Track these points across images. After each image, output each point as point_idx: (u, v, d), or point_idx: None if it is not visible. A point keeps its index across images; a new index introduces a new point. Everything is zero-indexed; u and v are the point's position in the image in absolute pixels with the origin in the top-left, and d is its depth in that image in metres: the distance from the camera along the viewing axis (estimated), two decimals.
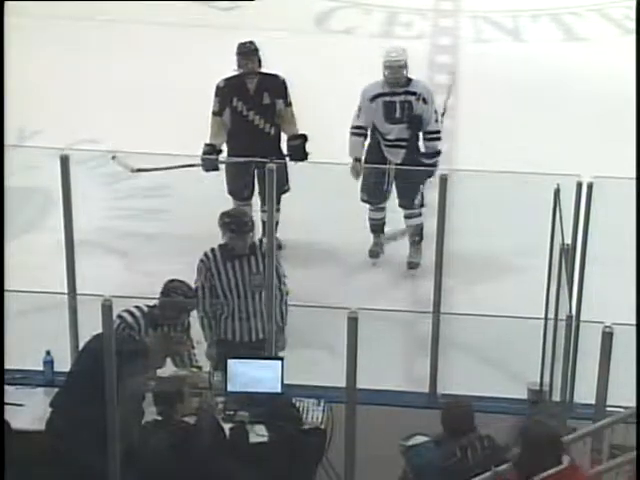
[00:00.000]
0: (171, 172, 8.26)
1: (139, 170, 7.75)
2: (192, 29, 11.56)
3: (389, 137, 7.76)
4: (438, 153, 7.75)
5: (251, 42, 7.78)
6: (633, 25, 11.59)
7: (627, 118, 8.32)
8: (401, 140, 7.76)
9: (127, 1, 11.34)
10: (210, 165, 7.76)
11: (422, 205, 7.79)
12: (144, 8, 11.74)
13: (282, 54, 7.94)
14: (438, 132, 7.81)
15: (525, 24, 12.07)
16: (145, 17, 11.71)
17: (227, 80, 7.80)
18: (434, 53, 8.14)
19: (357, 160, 7.79)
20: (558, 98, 10.20)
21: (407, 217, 7.93)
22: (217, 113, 7.79)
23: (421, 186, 7.76)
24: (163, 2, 11.78)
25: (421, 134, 7.79)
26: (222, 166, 7.86)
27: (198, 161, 7.72)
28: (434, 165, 7.62)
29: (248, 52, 7.73)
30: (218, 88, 7.81)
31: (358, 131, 7.82)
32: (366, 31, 11.80)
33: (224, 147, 7.88)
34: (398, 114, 7.72)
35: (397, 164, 7.74)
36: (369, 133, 7.84)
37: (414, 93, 7.70)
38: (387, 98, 7.72)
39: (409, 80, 7.75)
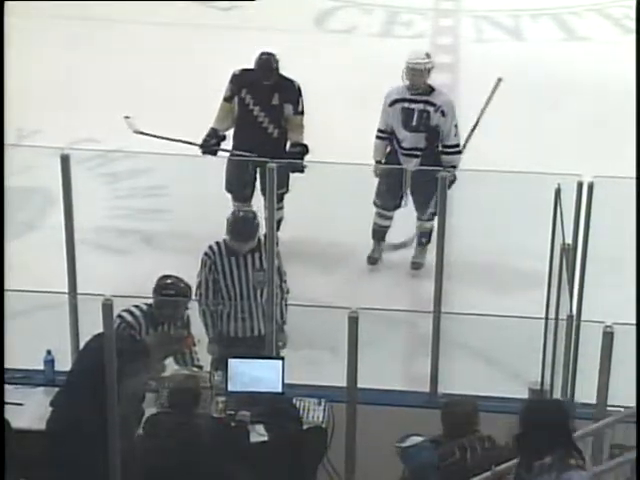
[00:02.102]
0: (171, 172, 8.29)
1: (141, 132, 7.81)
2: (192, 29, 11.56)
3: (404, 145, 7.71)
4: (454, 167, 7.62)
5: (271, 55, 7.73)
6: (633, 24, 11.59)
7: (627, 117, 8.33)
8: (416, 149, 7.69)
9: (127, 1, 11.34)
10: (208, 149, 7.79)
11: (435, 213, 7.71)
12: (143, 8, 11.73)
13: (282, 54, 7.92)
14: (456, 146, 7.73)
15: (525, 24, 12.07)
16: (144, 17, 11.71)
17: (244, 70, 7.83)
18: (434, 53, 8.13)
19: (378, 162, 7.79)
20: (558, 97, 10.20)
21: (419, 219, 7.89)
22: (227, 99, 7.83)
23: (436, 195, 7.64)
24: (162, 2, 11.79)
25: (440, 147, 7.72)
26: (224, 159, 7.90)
27: (199, 143, 7.79)
28: (451, 179, 7.23)
29: (264, 69, 7.70)
30: (234, 75, 7.84)
31: (379, 134, 7.82)
32: (366, 31, 11.80)
33: (228, 134, 7.89)
34: (415, 122, 7.66)
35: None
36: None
37: (434, 104, 7.63)
38: (406, 104, 7.68)
39: (432, 89, 7.69)
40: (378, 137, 7.83)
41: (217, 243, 6.43)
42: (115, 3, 11.51)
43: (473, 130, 7.89)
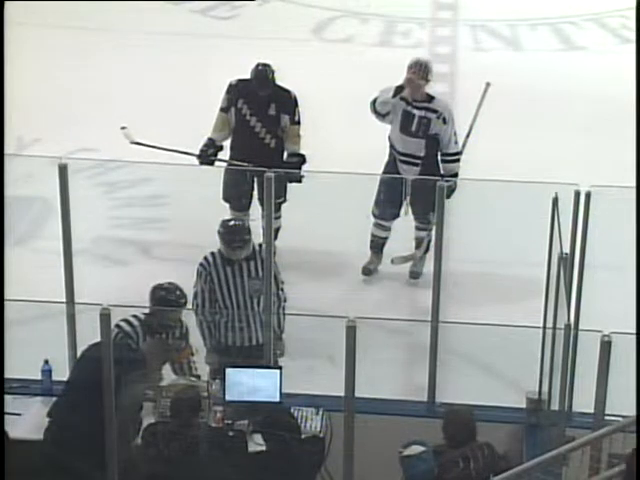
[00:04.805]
0: (169, 182, 8.30)
1: (138, 143, 7.82)
2: (192, 38, 11.58)
3: (401, 150, 7.64)
4: (455, 175, 7.59)
5: (266, 66, 7.73)
6: (630, 34, 11.61)
7: (625, 127, 8.34)
8: (414, 157, 7.63)
9: (125, 3, 11.37)
10: (205, 159, 7.80)
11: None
12: (142, 17, 11.75)
13: (280, 63, 7.94)
14: (456, 154, 7.69)
15: (523, 33, 12.09)
16: (143, 26, 11.72)
17: (240, 80, 7.83)
18: (432, 62, 8.13)
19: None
20: (556, 107, 10.21)
21: (417, 229, 7.84)
22: (223, 109, 7.83)
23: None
24: (162, 10, 11.82)
25: (439, 155, 7.66)
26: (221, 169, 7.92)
27: (196, 153, 7.78)
28: (451, 188, 7.19)
29: (260, 79, 7.70)
30: (230, 85, 7.84)
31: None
32: (364, 40, 11.81)
33: (226, 144, 7.90)
34: (414, 128, 7.58)
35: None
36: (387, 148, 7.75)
37: (435, 111, 7.56)
38: (408, 108, 7.59)
39: (432, 97, 7.62)
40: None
41: (212, 253, 6.44)
42: (114, 12, 11.54)
43: (468, 136, 7.89)
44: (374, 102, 7.67)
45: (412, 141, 7.64)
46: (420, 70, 7.58)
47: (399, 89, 7.59)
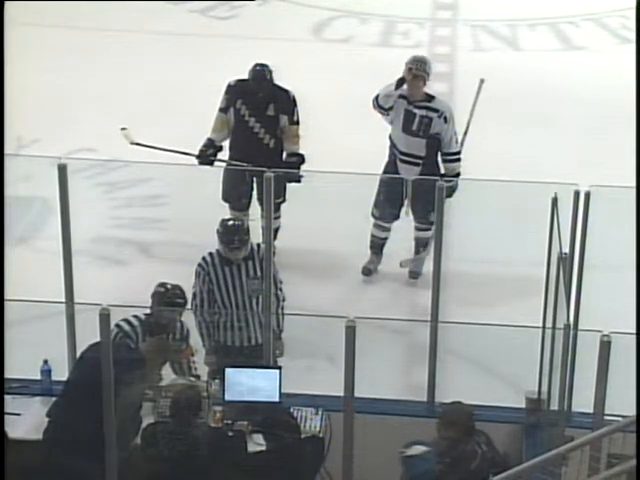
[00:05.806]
0: (170, 181, 8.31)
1: (138, 144, 7.82)
2: (191, 38, 11.59)
3: (403, 149, 7.63)
4: (457, 175, 7.58)
5: (264, 66, 7.74)
6: (629, 34, 11.62)
7: (624, 126, 8.35)
8: (415, 157, 7.62)
9: (125, 3, 11.38)
10: (205, 159, 7.81)
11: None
12: (142, 17, 11.76)
13: (280, 63, 7.95)
14: (458, 153, 7.67)
15: (522, 33, 12.10)
16: (144, 26, 11.73)
17: (239, 81, 7.83)
18: (431, 62, 8.14)
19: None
20: (555, 106, 10.22)
21: (417, 229, 7.84)
22: (222, 110, 7.83)
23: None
24: (161, 10, 11.83)
25: (439, 155, 7.65)
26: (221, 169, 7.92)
27: (195, 153, 7.79)
28: (453, 187, 7.24)
29: (258, 80, 7.71)
30: (229, 86, 7.85)
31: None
32: (364, 40, 11.82)
33: (225, 144, 7.90)
34: (415, 127, 7.56)
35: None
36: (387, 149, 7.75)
37: (437, 110, 7.55)
38: (409, 107, 7.58)
39: (432, 97, 7.62)
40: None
41: (210, 254, 6.44)
42: (114, 12, 11.54)
43: (465, 134, 7.89)
44: (377, 97, 7.68)
45: (414, 140, 7.63)
46: (418, 63, 7.59)
47: (401, 81, 7.60)
